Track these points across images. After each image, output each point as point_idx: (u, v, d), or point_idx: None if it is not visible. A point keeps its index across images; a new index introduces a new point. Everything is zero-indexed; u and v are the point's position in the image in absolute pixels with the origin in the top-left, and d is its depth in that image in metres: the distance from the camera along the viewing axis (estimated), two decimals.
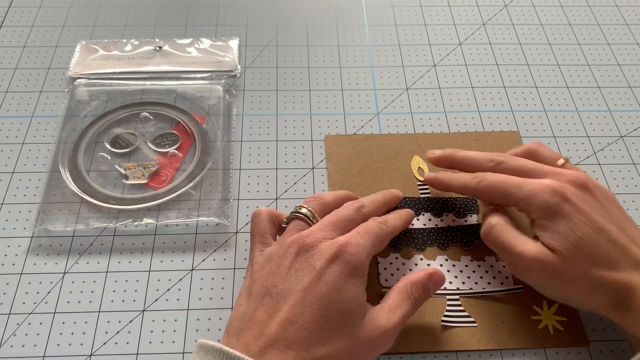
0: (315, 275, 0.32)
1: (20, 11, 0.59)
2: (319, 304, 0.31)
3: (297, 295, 0.32)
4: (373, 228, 0.36)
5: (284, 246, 0.34)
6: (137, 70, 0.52)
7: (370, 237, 0.35)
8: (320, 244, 0.34)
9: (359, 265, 0.33)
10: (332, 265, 0.33)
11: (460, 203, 0.44)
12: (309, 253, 0.33)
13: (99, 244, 0.42)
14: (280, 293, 0.32)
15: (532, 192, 0.36)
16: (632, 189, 0.46)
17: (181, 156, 0.47)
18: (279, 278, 0.33)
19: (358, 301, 0.33)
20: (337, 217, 0.36)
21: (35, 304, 0.39)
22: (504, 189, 0.37)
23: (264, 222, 0.38)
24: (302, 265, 0.33)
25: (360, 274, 0.34)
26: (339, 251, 0.33)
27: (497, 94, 0.53)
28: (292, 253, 0.34)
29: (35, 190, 0.45)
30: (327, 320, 0.31)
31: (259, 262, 0.35)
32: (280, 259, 0.34)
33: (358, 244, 0.34)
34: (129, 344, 0.37)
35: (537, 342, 0.38)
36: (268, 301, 0.32)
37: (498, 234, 0.37)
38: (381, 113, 0.51)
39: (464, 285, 0.40)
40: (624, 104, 0.53)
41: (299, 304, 0.31)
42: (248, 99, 0.52)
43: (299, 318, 0.31)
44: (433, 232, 0.42)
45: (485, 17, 0.60)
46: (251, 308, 0.33)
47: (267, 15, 0.59)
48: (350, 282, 0.33)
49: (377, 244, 0.36)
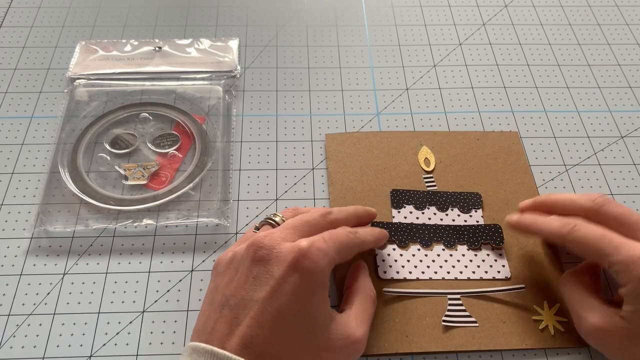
0: (274, 285, 0.30)
1: (20, 11, 0.59)
2: (279, 316, 0.30)
3: (256, 307, 0.30)
4: (340, 236, 0.34)
5: (243, 248, 0.33)
6: (137, 70, 0.52)
7: (334, 243, 0.33)
8: (278, 246, 0.32)
9: (319, 272, 0.32)
10: (292, 274, 0.31)
11: (465, 198, 0.44)
12: (267, 258, 0.31)
13: (98, 244, 0.42)
14: (238, 304, 0.31)
15: (631, 260, 0.32)
16: (632, 189, 0.46)
17: (181, 157, 0.47)
18: (237, 286, 0.31)
19: (321, 310, 0.32)
20: (300, 221, 0.34)
21: (35, 305, 0.39)
22: (598, 246, 0.33)
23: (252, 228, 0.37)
24: (260, 272, 0.31)
25: (321, 281, 0.32)
26: (299, 256, 0.31)
27: (497, 94, 0.53)
28: (248, 257, 0.32)
29: (35, 191, 0.45)
30: (290, 333, 0.30)
31: (221, 264, 0.34)
32: (238, 263, 0.33)
33: (320, 248, 0.32)
34: (128, 345, 0.37)
35: (538, 343, 0.37)
36: (227, 313, 0.31)
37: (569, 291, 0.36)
38: (381, 113, 0.51)
39: (462, 274, 0.40)
40: (624, 104, 0.53)
41: (259, 316, 0.30)
42: (248, 100, 0.52)
43: (260, 332, 0.30)
44: (440, 230, 0.43)
45: (485, 17, 0.60)
46: (212, 319, 0.31)
47: (267, 15, 0.59)
48: (310, 290, 0.31)
49: (343, 252, 0.34)
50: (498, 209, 0.44)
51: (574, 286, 0.36)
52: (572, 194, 0.39)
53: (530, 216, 0.38)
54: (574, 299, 0.36)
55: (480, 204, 0.44)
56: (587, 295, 0.35)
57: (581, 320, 0.35)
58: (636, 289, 0.32)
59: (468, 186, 0.45)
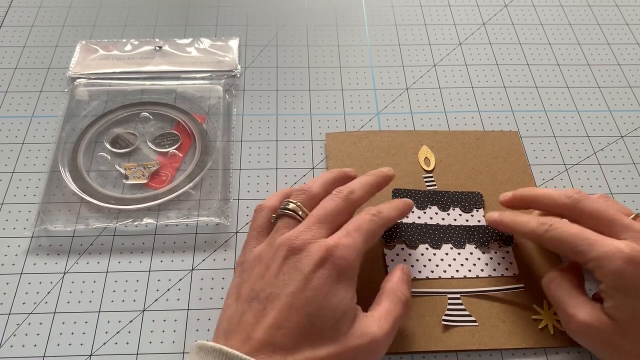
0: (303, 280, 0.32)
1: (20, 11, 0.59)
2: (305, 310, 0.31)
3: (284, 300, 0.31)
4: (364, 223, 0.35)
5: (274, 247, 0.34)
6: (137, 70, 0.52)
7: (360, 234, 0.34)
8: (309, 246, 0.33)
9: (347, 268, 0.33)
10: (320, 270, 0.32)
11: (466, 197, 0.45)
12: (297, 256, 0.33)
13: (99, 244, 0.42)
14: (268, 297, 0.32)
15: (604, 255, 0.33)
16: (632, 189, 0.46)
17: (181, 156, 0.47)
18: (267, 282, 0.32)
19: (346, 306, 0.32)
20: (324, 212, 0.35)
21: (35, 304, 0.39)
22: (573, 244, 0.34)
23: (263, 219, 0.37)
24: (290, 269, 0.32)
25: (349, 276, 0.33)
26: (327, 254, 0.32)
27: (497, 94, 0.53)
28: (280, 256, 0.33)
29: (35, 190, 0.45)
30: (314, 326, 0.31)
31: (248, 261, 0.35)
32: (269, 261, 0.33)
33: (347, 245, 0.33)
34: (129, 344, 0.37)
35: (538, 342, 0.38)
36: (256, 305, 0.32)
37: (556, 290, 0.36)
38: (381, 113, 0.51)
39: (470, 272, 0.41)
40: (624, 104, 0.53)
41: (286, 309, 0.31)
42: (248, 99, 0.52)
43: (286, 323, 0.31)
44: (450, 230, 0.43)
45: (485, 17, 0.60)
46: (239, 311, 0.32)
47: (267, 15, 0.59)
48: (337, 286, 0.32)
49: (369, 240, 0.35)
50: (498, 208, 0.44)
51: (560, 285, 0.36)
52: (550, 189, 0.38)
53: (510, 215, 0.39)
54: (561, 297, 0.36)
55: (482, 203, 0.44)
56: (574, 293, 0.35)
57: (570, 318, 0.35)
58: (612, 283, 0.33)
59: (468, 186, 0.45)
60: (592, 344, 0.35)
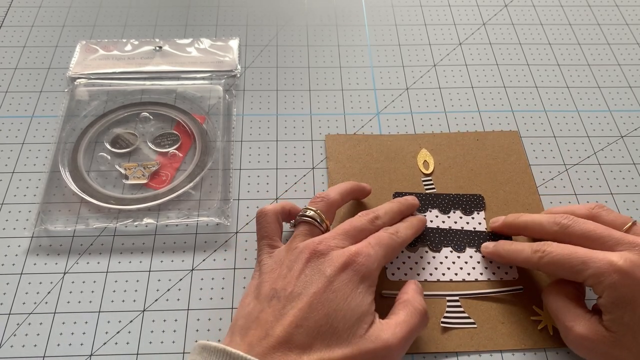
0: (325, 282, 0.33)
1: (20, 11, 0.59)
2: (324, 310, 0.32)
3: (304, 299, 0.32)
4: (384, 239, 0.36)
5: (296, 251, 0.35)
6: (137, 70, 0.52)
7: (381, 248, 0.35)
8: (332, 252, 0.34)
9: (368, 275, 0.34)
10: (342, 274, 0.33)
11: (467, 200, 0.45)
12: (320, 259, 0.34)
13: (99, 244, 0.42)
14: (288, 296, 0.32)
15: (599, 271, 0.33)
16: (632, 189, 0.46)
17: (181, 156, 0.47)
18: (288, 282, 0.33)
19: (365, 309, 0.33)
20: (350, 226, 0.37)
21: (35, 304, 0.39)
22: (569, 266, 0.34)
23: (270, 225, 0.38)
24: (312, 270, 0.33)
25: (369, 283, 0.34)
26: (350, 260, 0.34)
27: (497, 94, 0.53)
28: (303, 258, 0.34)
29: (35, 190, 0.45)
30: (332, 327, 0.31)
31: (268, 264, 0.36)
32: (291, 263, 0.34)
33: (369, 254, 0.34)
34: (129, 344, 0.37)
35: (537, 343, 0.38)
36: (275, 303, 0.32)
37: (553, 302, 0.37)
38: (381, 113, 0.51)
39: (470, 276, 0.41)
40: (624, 104, 0.53)
41: (306, 308, 0.32)
42: (248, 99, 0.52)
43: (305, 322, 0.31)
44: (450, 234, 0.43)
45: (486, 17, 0.60)
46: (258, 308, 0.33)
47: (267, 15, 0.59)
48: (358, 290, 0.33)
49: (389, 255, 0.36)
50: (498, 209, 0.44)
51: (558, 296, 0.37)
52: (539, 215, 0.39)
53: (504, 246, 0.40)
54: (560, 309, 0.36)
55: (483, 205, 0.44)
56: (572, 305, 0.36)
57: (568, 330, 0.35)
58: (610, 297, 0.33)
59: (467, 187, 0.45)
60: (590, 355, 0.35)
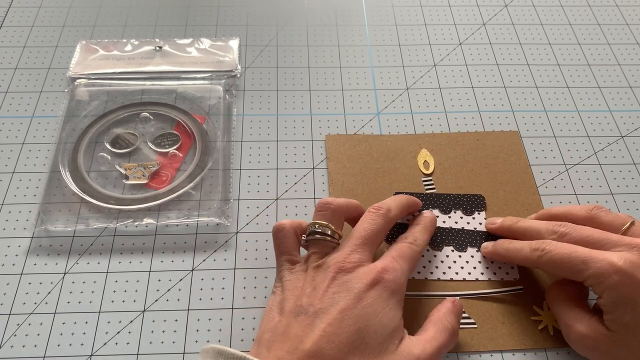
0: (354, 298, 0.32)
1: (20, 11, 0.59)
2: (356, 326, 0.31)
3: (334, 315, 0.32)
4: (406, 251, 0.36)
5: (320, 270, 0.34)
6: (137, 70, 0.52)
7: (405, 261, 0.35)
8: (358, 269, 0.34)
9: (397, 290, 0.34)
10: (371, 290, 0.33)
11: (468, 200, 0.45)
12: (347, 277, 0.33)
13: (99, 244, 0.42)
14: (316, 312, 0.32)
15: (599, 272, 0.33)
16: (632, 189, 0.46)
17: (181, 156, 0.47)
18: (315, 298, 0.33)
19: (396, 325, 0.33)
20: (366, 232, 0.36)
21: (36, 305, 0.39)
22: (569, 265, 0.34)
23: (289, 239, 0.37)
24: (339, 287, 0.33)
25: (398, 298, 0.34)
26: (378, 277, 0.33)
27: (497, 94, 0.53)
28: (329, 276, 0.33)
29: (36, 191, 0.45)
30: (363, 342, 0.31)
31: (291, 280, 0.35)
32: (315, 280, 0.34)
33: (395, 269, 0.34)
34: (129, 345, 0.37)
35: (538, 343, 0.38)
36: (303, 319, 0.32)
37: (555, 301, 0.37)
38: (381, 113, 0.51)
39: (470, 276, 0.41)
40: (624, 104, 0.53)
41: (336, 323, 0.31)
42: (248, 99, 0.52)
43: (335, 338, 0.31)
44: (452, 233, 0.43)
45: (486, 17, 0.60)
46: (284, 323, 0.32)
47: (267, 15, 0.59)
48: (388, 305, 0.33)
49: (412, 266, 0.36)
50: (498, 209, 0.44)
51: (560, 296, 0.37)
52: (536, 222, 0.39)
53: (503, 245, 0.40)
54: (561, 309, 0.36)
55: (484, 206, 0.44)
56: (574, 304, 0.36)
57: (569, 329, 0.35)
58: (610, 298, 0.33)
59: (467, 188, 0.45)
60: (591, 354, 0.35)
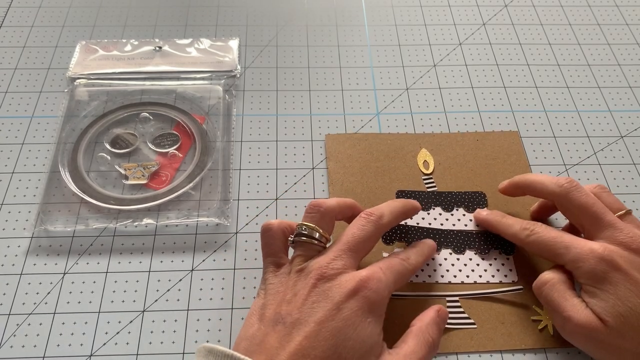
0: (332, 309, 0.31)
1: (20, 11, 0.59)
2: (333, 340, 0.30)
3: (311, 327, 0.31)
4: (396, 265, 0.35)
5: (302, 274, 0.33)
6: (137, 70, 0.52)
7: (392, 273, 0.34)
8: (340, 276, 0.32)
9: (378, 302, 0.32)
10: (351, 300, 0.31)
11: (470, 197, 0.45)
12: (328, 284, 0.32)
13: (98, 244, 0.42)
14: (294, 322, 0.31)
15: (579, 257, 0.34)
16: (632, 189, 0.46)
17: (181, 156, 0.47)
18: (294, 307, 0.32)
19: (374, 341, 0.32)
20: (354, 239, 0.34)
21: (35, 305, 0.39)
22: (552, 248, 0.36)
23: (276, 241, 0.36)
24: (319, 296, 0.32)
25: (379, 312, 0.33)
26: (360, 286, 0.32)
27: (497, 94, 0.53)
28: (310, 283, 0.32)
29: (35, 191, 0.45)
30: (340, 357, 0.30)
31: (274, 284, 0.34)
32: (296, 286, 0.33)
33: (380, 279, 0.33)
34: (129, 345, 0.37)
35: (537, 343, 0.38)
36: (281, 328, 0.31)
37: (549, 293, 0.36)
38: (381, 113, 0.51)
39: (468, 278, 0.40)
40: (624, 104, 0.53)
41: (313, 336, 0.30)
42: (248, 99, 0.52)
43: (311, 352, 0.30)
44: (451, 235, 0.43)
45: (485, 17, 0.60)
46: (262, 332, 0.32)
47: (267, 15, 0.59)
48: (367, 320, 0.32)
49: (399, 281, 0.35)
50: (498, 209, 0.44)
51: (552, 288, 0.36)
52: (544, 176, 0.39)
53: (496, 216, 0.41)
54: (554, 301, 0.35)
55: (485, 203, 0.44)
56: (567, 295, 0.35)
57: (564, 321, 0.34)
58: (588, 282, 0.34)
59: (467, 188, 0.45)
60: (588, 346, 0.35)
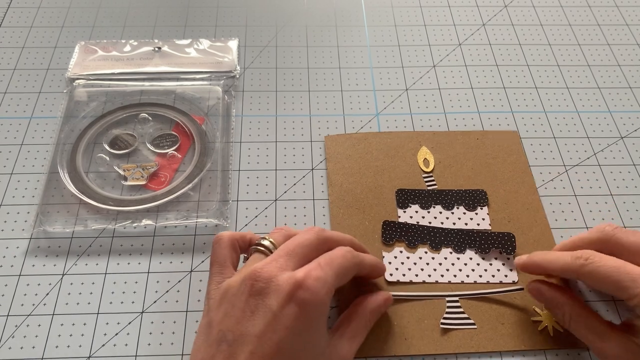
0: (272, 319, 0.30)
1: (20, 12, 0.59)
2: (278, 351, 0.29)
3: (254, 342, 0.29)
4: (337, 257, 0.33)
5: (238, 281, 0.32)
6: (136, 71, 0.52)
7: (332, 268, 0.32)
8: (275, 279, 0.31)
9: (317, 303, 0.31)
10: (289, 306, 0.30)
11: (470, 195, 0.44)
12: (264, 291, 0.31)
13: (97, 245, 0.42)
14: (236, 339, 0.30)
15: None
16: (632, 190, 0.46)
17: (180, 157, 0.47)
18: (234, 321, 0.30)
19: (319, 339, 0.31)
20: (293, 244, 0.33)
21: (34, 306, 0.39)
22: (616, 280, 0.32)
23: (224, 250, 0.35)
24: (256, 305, 0.30)
25: (321, 311, 0.31)
26: (295, 287, 0.30)
27: (497, 95, 0.53)
28: (245, 291, 0.31)
29: (34, 192, 0.45)
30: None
31: (215, 299, 0.33)
32: (234, 297, 0.31)
33: (317, 277, 0.31)
34: (127, 346, 0.37)
35: (537, 344, 0.37)
36: (225, 348, 0.30)
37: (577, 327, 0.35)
38: (381, 114, 0.51)
39: (468, 278, 0.40)
40: (624, 105, 0.52)
41: (258, 352, 0.29)
42: (247, 100, 0.52)
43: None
44: (451, 234, 0.43)
45: (485, 17, 0.60)
46: (209, 354, 0.30)
47: (266, 15, 0.59)
48: (309, 321, 0.30)
49: (342, 276, 0.33)
50: (498, 208, 0.44)
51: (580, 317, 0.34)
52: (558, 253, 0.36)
53: (539, 255, 0.37)
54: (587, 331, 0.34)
55: (486, 201, 0.44)
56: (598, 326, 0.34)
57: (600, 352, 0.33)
58: None
59: (468, 186, 0.45)
60: None
